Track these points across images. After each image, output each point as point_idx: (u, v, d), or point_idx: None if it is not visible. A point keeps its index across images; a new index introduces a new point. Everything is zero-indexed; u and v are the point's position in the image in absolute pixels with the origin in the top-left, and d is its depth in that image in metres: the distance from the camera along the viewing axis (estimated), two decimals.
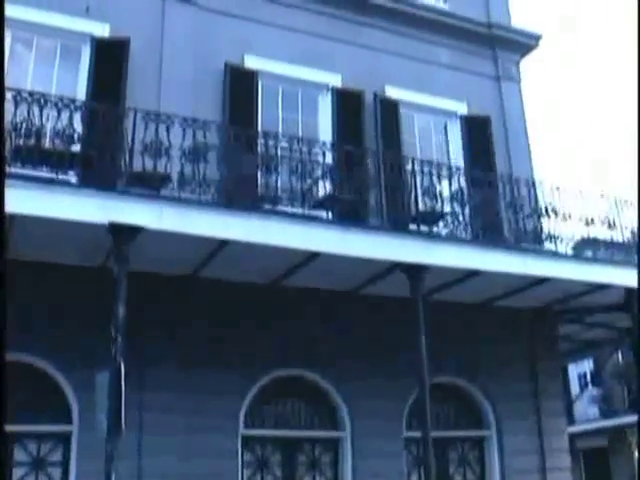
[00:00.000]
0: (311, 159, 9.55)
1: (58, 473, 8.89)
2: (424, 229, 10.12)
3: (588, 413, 28.75)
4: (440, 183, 10.21)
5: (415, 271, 9.05)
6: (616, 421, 26.97)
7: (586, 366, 28.85)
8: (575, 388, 29.58)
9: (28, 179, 7.53)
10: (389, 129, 12.20)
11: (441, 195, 10.16)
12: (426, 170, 10.12)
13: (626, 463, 26.58)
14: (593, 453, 28.35)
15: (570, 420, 22.71)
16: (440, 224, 10.39)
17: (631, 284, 10.17)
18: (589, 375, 29.25)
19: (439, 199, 10.11)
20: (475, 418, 11.51)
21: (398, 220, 10.22)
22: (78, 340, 8.78)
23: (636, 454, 25.74)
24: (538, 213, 10.69)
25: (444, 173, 10.35)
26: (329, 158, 9.92)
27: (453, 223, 10.22)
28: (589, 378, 29.30)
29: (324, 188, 9.98)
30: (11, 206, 6.26)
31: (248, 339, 9.85)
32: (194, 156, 8.67)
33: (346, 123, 11.92)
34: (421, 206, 10.26)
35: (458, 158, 12.71)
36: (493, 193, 10.70)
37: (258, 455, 10.03)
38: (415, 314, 8.86)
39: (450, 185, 10.28)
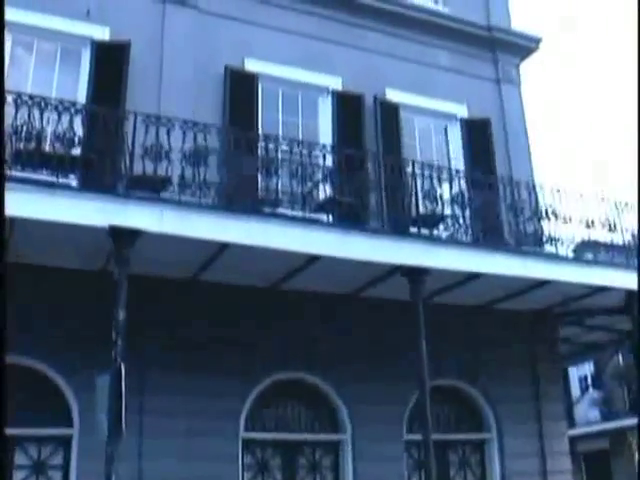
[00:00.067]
0: (311, 162, 9.55)
1: (59, 476, 8.88)
2: (424, 232, 10.11)
3: (589, 416, 28.73)
4: (440, 186, 10.20)
5: (415, 274, 9.04)
6: (617, 423, 26.93)
7: (587, 369, 28.85)
8: (576, 391, 29.56)
9: (28, 182, 7.53)
10: (389, 132, 12.21)
11: (441, 198, 10.14)
12: (426, 173, 10.12)
13: (627, 466, 26.50)
14: (594, 456, 28.30)
15: (571, 423, 22.75)
16: (440, 227, 10.37)
17: (631, 287, 10.17)
18: (590, 378, 29.23)
19: (439, 202, 10.09)
20: (476, 421, 11.50)
21: (398, 223, 10.21)
22: (78, 343, 8.79)
23: (637, 456, 25.68)
24: (538, 216, 10.68)
25: (444, 176, 10.35)
26: (329, 161, 9.92)
27: (453, 226, 10.21)
28: (590, 381, 29.28)
29: (324, 191, 9.96)
30: (11, 209, 6.29)
31: (248, 342, 9.85)
32: (194, 159, 8.67)
33: (346, 126, 11.93)
34: (421, 209, 10.23)
35: (458, 161, 12.71)
36: (493, 196, 10.70)
37: (258, 458, 10.02)
38: (415, 317, 8.85)
39: (450, 188, 10.27)
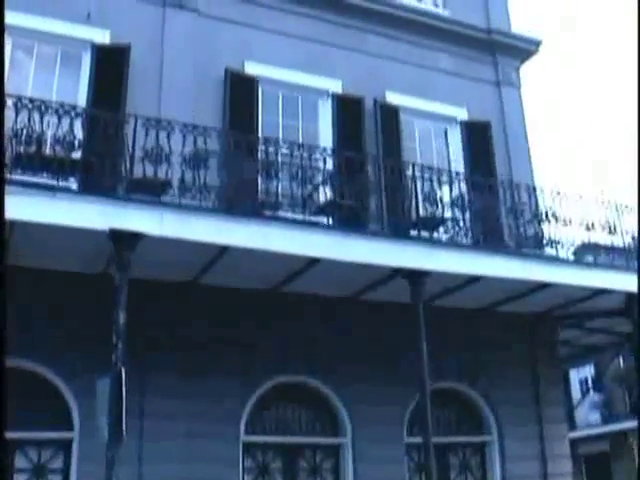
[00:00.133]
0: (311, 165, 9.55)
1: None
2: (425, 235, 10.10)
3: (589, 418, 28.72)
4: (440, 188, 10.20)
5: (416, 277, 9.04)
6: (617, 426, 26.94)
7: (587, 371, 28.82)
8: (576, 394, 29.53)
9: (29, 186, 7.52)
10: (389, 135, 12.21)
11: (441, 200, 10.14)
12: (426, 175, 10.11)
13: (628, 468, 26.47)
14: (595, 458, 28.29)
15: (571, 425, 22.70)
16: (441, 230, 10.37)
17: (632, 289, 10.18)
18: (590, 380, 29.20)
19: (439, 204, 10.08)
20: (476, 423, 11.49)
21: (399, 226, 10.20)
22: (79, 346, 8.78)
23: (638, 459, 25.64)
24: (539, 218, 10.68)
25: (444, 178, 10.34)
26: (329, 164, 9.92)
27: (454, 229, 10.20)
28: (590, 384, 29.25)
29: (324, 194, 9.95)
30: (12, 213, 6.30)
31: (249, 345, 9.85)
32: (195, 162, 8.67)
33: (346, 129, 11.94)
34: (422, 212, 10.22)
35: (458, 163, 12.71)
36: (494, 198, 10.70)
37: (259, 461, 10.00)
38: (416, 320, 8.85)
39: (450, 190, 10.27)
